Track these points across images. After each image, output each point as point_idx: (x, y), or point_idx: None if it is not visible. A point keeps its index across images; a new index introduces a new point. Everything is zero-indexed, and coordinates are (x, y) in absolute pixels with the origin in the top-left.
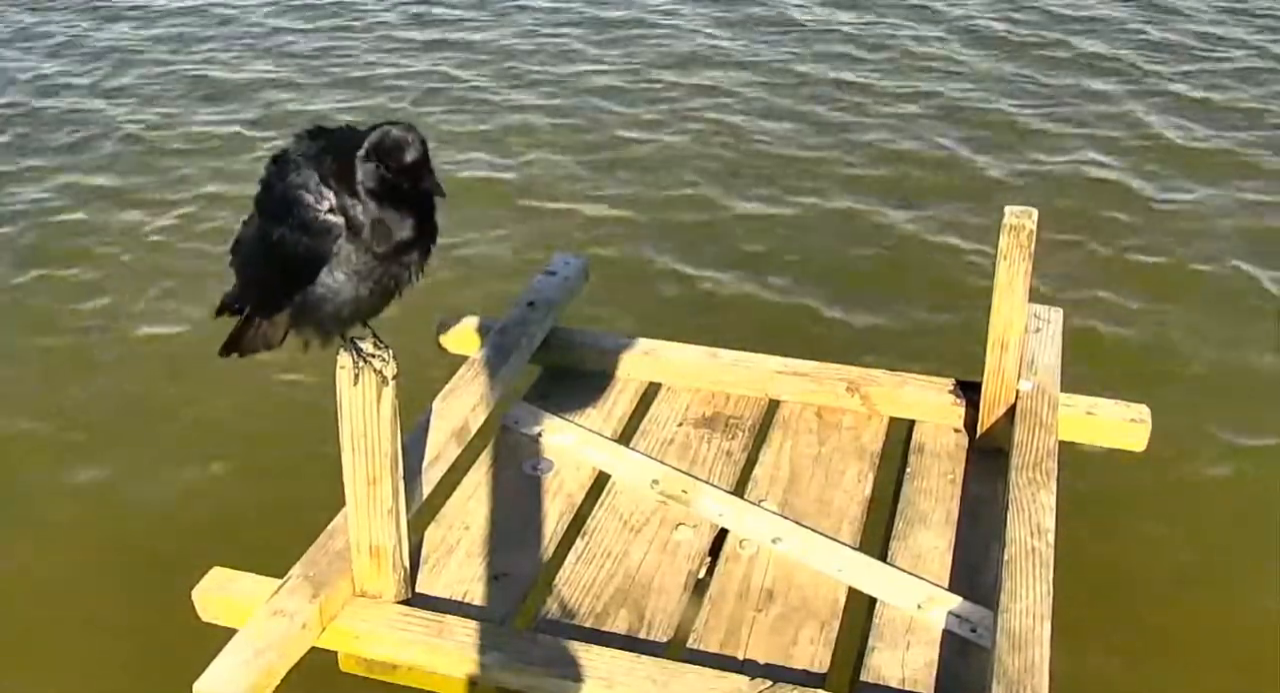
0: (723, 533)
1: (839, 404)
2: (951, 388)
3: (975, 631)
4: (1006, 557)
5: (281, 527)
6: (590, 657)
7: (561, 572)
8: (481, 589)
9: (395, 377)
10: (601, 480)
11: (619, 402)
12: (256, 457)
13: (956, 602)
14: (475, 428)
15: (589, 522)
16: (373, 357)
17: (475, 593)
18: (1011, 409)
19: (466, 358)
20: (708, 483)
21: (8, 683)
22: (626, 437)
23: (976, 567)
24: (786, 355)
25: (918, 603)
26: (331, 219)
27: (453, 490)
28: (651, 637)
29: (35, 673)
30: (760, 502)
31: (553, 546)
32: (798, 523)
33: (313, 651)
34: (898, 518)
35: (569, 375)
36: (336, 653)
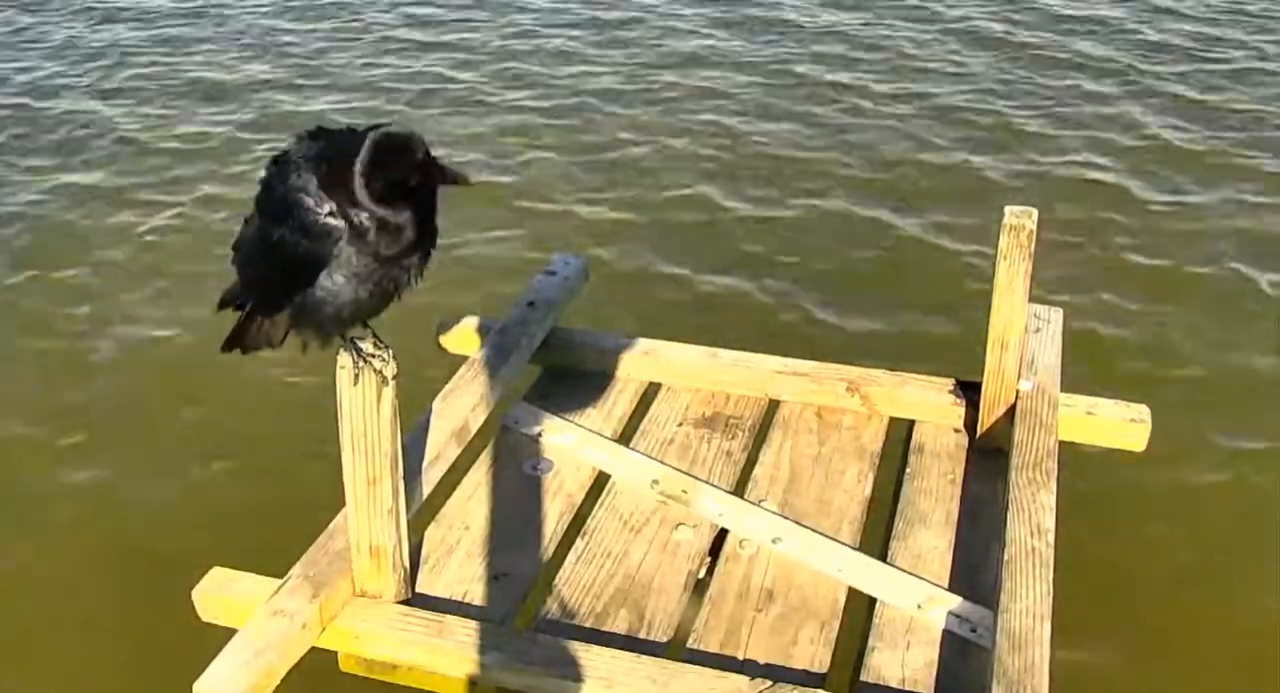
0: (723, 533)
1: (839, 404)
2: (951, 388)
3: (975, 631)
4: (1006, 557)
5: (281, 527)
6: (590, 657)
7: (561, 572)
8: (481, 589)
9: (395, 377)
10: (601, 480)
11: (619, 402)
12: (256, 457)
13: (956, 602)
14: (475, 428)
15: (589, 522)
16: (373, 357)
17: (475, 593)
18: (1011, 409)
19: (466, 358)
20: (708, 483)
21: (8, 683)
22: (626, 437)
23: (976, 567)
24: (786, 356)
25: (918, 603)
26: (332, 222)
27: (453, 490)
28: (651, 637)
29: (35, 673)
30: (760, 502)
31: (553, 546)
32: (798, 523)
33: (313, 651)
34: (898, 518)
35: (569, 375)
36: (336, 653)
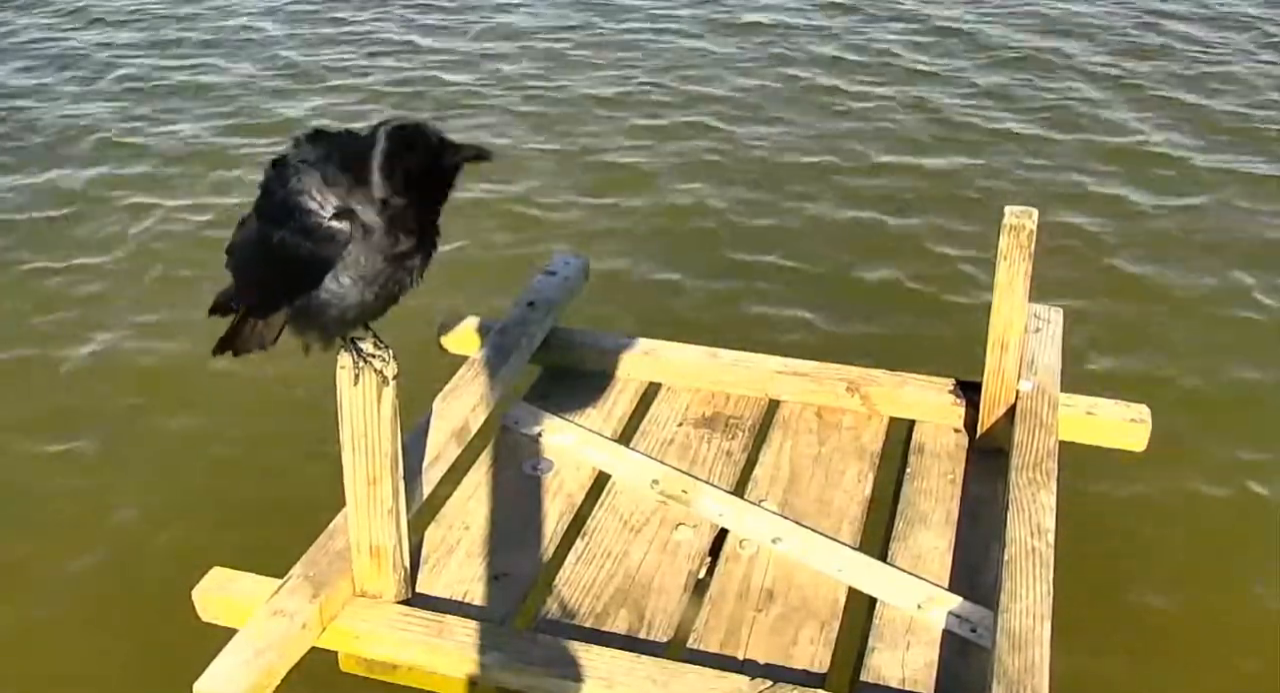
0: (723, 533)
1: (839, 404)
2: (951, 388)
3: (975, 631)
4: (1006, 557)
5: (281, 527)
6: (590, 657)
7: (561, 572)
8: (481, 589)
9: (395, 377)
10: (601, 480)
11: (619, 402)
12: (256, 457)
13: (956, 602)
14: (475, 428)
15: (589, 522)
16: (373, 357)
17: (475, 593)
18: (1011, 409)
19: (466, 358)
20: (708, 483)
21: (8, 683)
22: (626, 437)
23: (976, 567)
24: (786, 356)
25: (918, 603)
26: (336, 225)
27: (453, 490)
28: (651, 637)
29: (35, 673)
30: (760, 502)
31: (553, 546)
32: (798, 523)
33: (313, 651)
34: (898, 518)
35: (569, 375)
36: (336, 653)
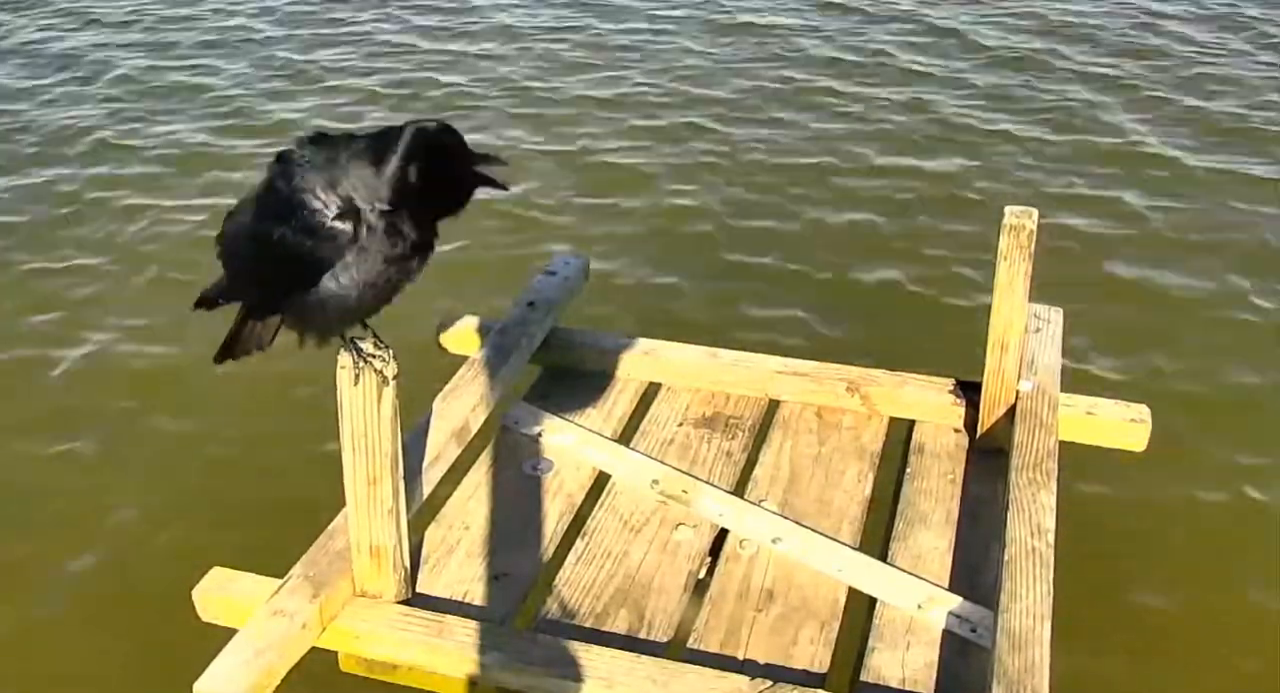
0: (723, 533)
1: (839, 404)
2: (951, 388)
3: (975, 631)
4: (1007, 557)
5: (281, 527)
6: (590, 657)
7: (561, 572)
8: (481, 589)
9: (395, 377)
10: (601, 480)
11: (619, 402)
12: (256, 457)
13: (956, 602)
14: (475, 428)
15: (589, 522)
16: (373, 357)
17: (475, 593)
18: (1011, 409)
19: (466, 358)
20: (708, 483)
21: (8, 683)
22: (626, 437)
23: (977, 567)
24: (786, 356)
25: (918, 603)
26: (339, 226)
27: (453, 490)
28: (651, 637)
29: (35, 673)
30: (760, 502)
31: (553, 546)
32: (798, 523)
33: (313, 651)
34: (898, 518)
35: (569, 375)
36: (336, 653)
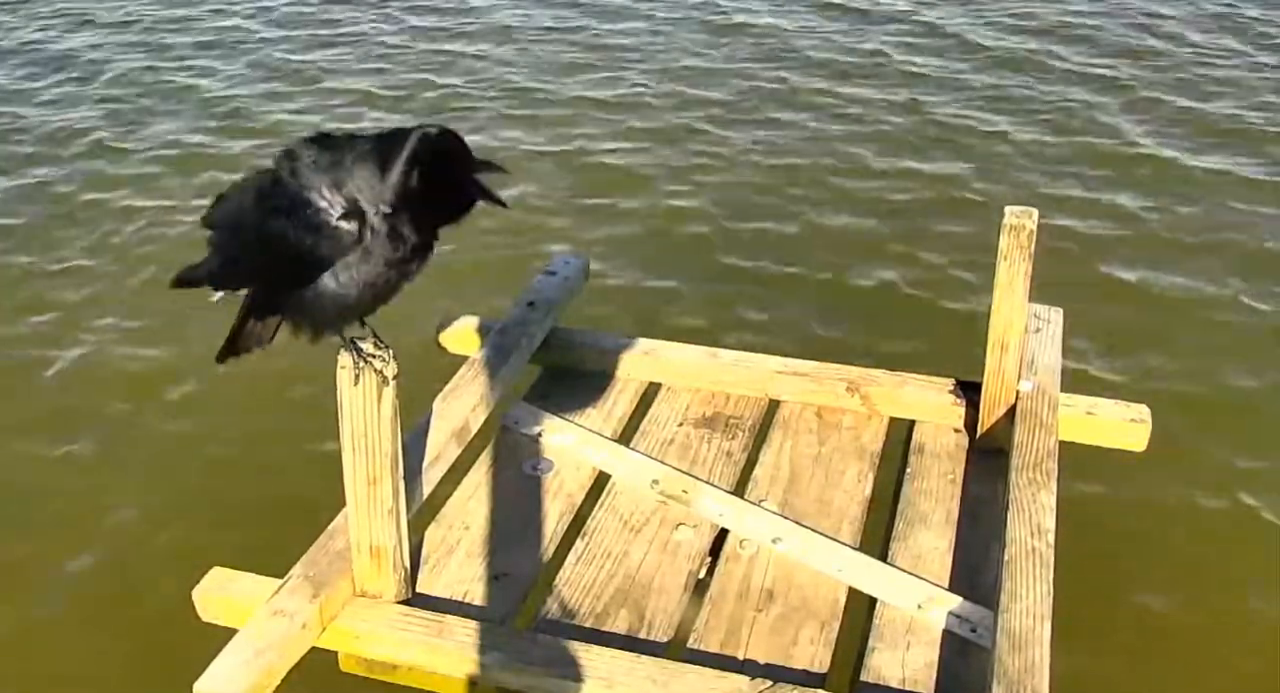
0: (723, 533)
1: (839, 404)
2: (951, 388)
3: (975, 631)
4: (1007, 557)
5: (281, 527)
6: (590, 657)
7: (561, 572)
8: (481, 589)
9: (395, 377)
10: (601, 480)
11: (619, 402)
12: (256, 457)
13: (957, 602)
14: (475, 428)
15: (589, 522)
16: (373, 357)
17: (475, 593)
18: (1012, 409)
19: (466, 358)
20: (708, 483)
21: (8, 683)
22: (626, 437)
23: (977, 567)
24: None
25: (918, 603)
26: (344, 226)
27: (453, 490)
28: (651, 637)
29: (35, 673)
30: (760, 502)
31: (553, 546)
32: (798, 523)
33: (313, 651)
34: (898, 518)
35: (569, 375)
36: (336, 653)
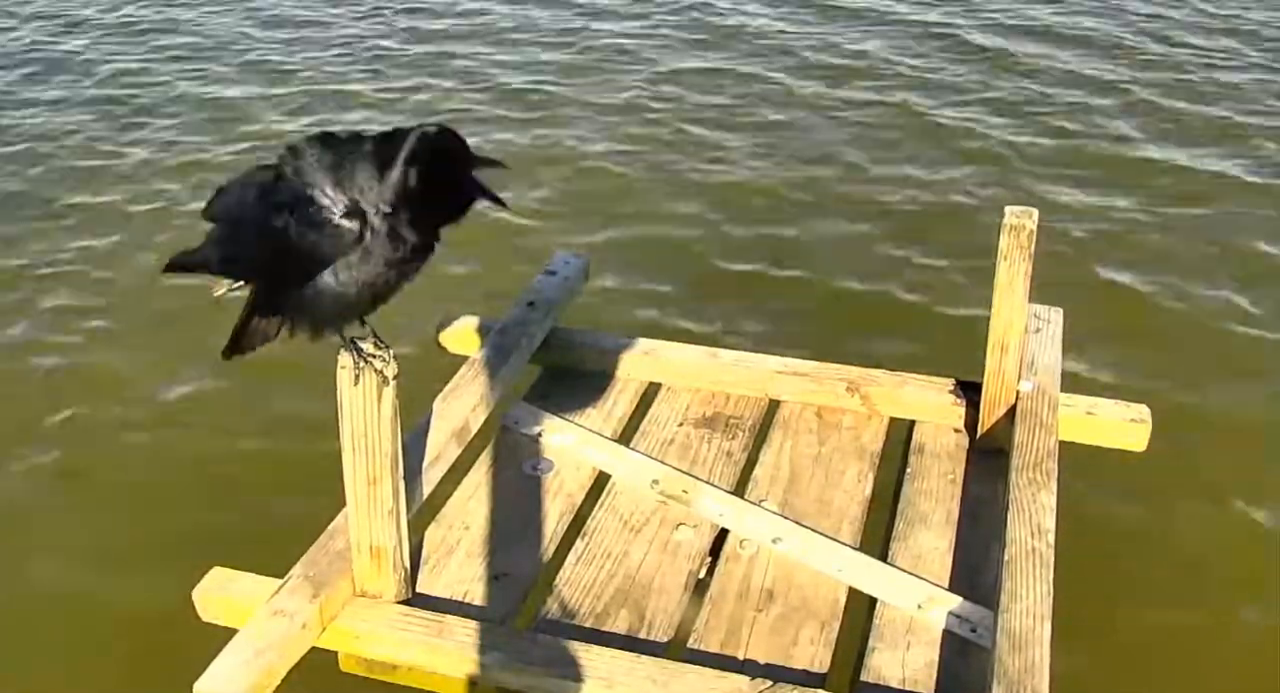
0: (723, 533)
1: (839, 404)
2: (952, 388)
3: (975, 631)
4: (1007, 557)
5: (281, 527)
6: (590, 657)
7: (562, 572)
8: (481, 589)
9: (395, 377)
10: (601, 480)
11: (619, 402)
12: (256, 456)
13: (957, 602)
14: (475, 428)
15: (589, 522)
16: (373, 357)
17: (475, 593)
18: (1012, 410)
19: (466, 358)
20: (708, 483)
21: (8, 684)
22: (626, 437)
23: (977, 567)
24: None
25: (918, 603)
26: (346, 225)
27: (453, 490)
28: (652, 637)
29: (35, 673)
30: (760, 502)
31: (553, 546)
32: (798, 523)
33: (313, 651)
34: (898, 518)
35: (569, 375)
36: (336, 653)
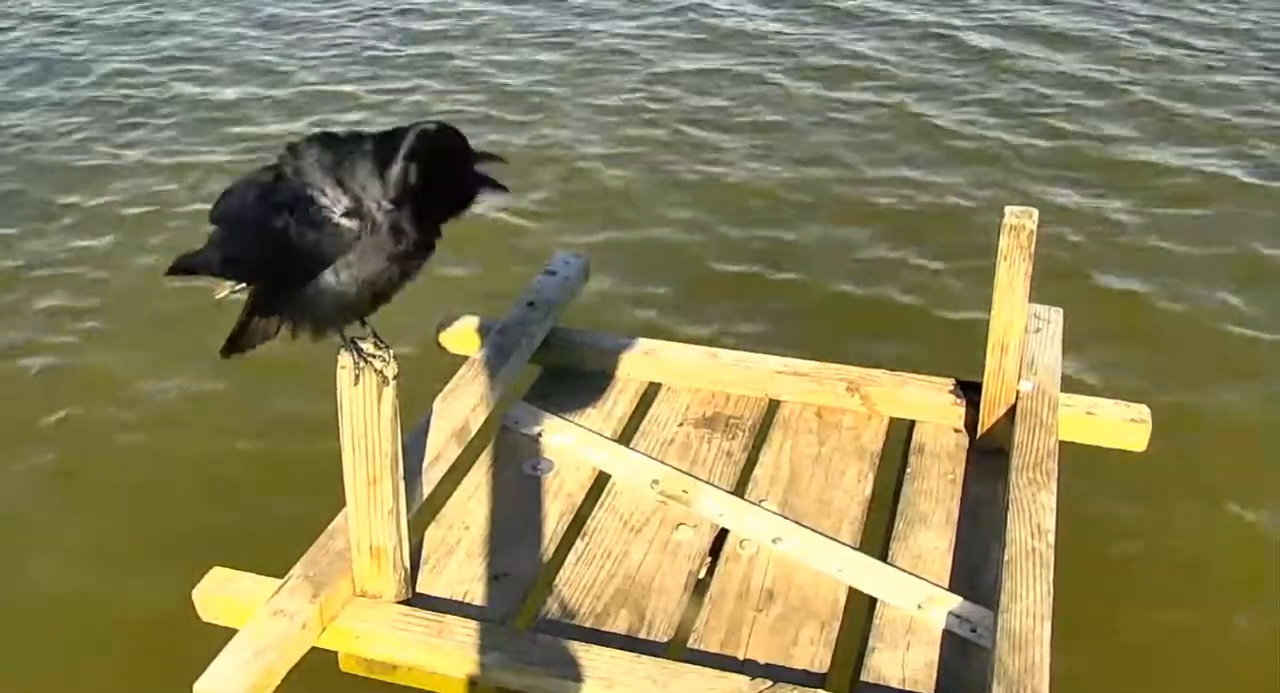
0: (723, 533)
1: (839, 404)
2: (952, 388)
3: (975, 631)
4: (1007, 557)
5: (281, 527)
6: (590, 657)
7: (562, 572)
8: (481, 589)
9: (396, 377)
10: (601, 480)
11: (619, 402)
12: (256, 457)
13: (957, 602)
14: (475, 428)
15: (589, 522)
16: (373, 357)
17: (475, 593)
18: (1012, 410)
19: (466, 358)
20: (708, 483)
21: (8, 684)
22: (626, 437)
23: (977, 567)
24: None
25: (918, 603)
26: (346, 223)
27: (453, 490)
28: (652, 637)
29: (35, 673)
30: (760, 502)
31: (553, 546)
32: (798, 523)
33: (313, 651)
34: (898, 518)
35: (569, 375)
36: (336, 653)
